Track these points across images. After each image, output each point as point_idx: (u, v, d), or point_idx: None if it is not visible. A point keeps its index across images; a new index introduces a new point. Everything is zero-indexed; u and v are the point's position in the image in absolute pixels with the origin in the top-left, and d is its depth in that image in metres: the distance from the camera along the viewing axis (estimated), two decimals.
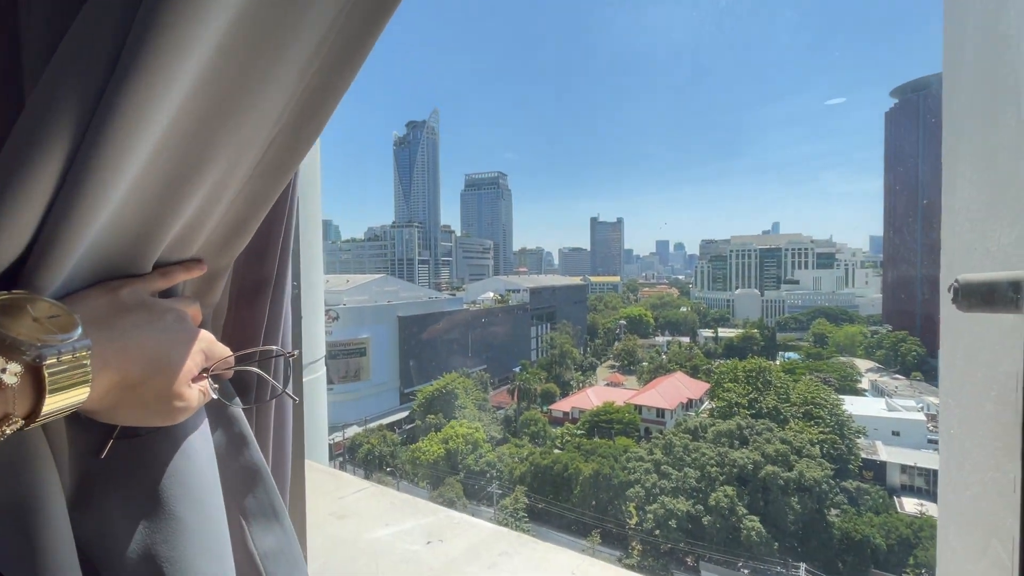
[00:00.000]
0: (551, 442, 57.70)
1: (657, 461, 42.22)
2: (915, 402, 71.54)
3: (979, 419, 1.21)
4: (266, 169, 0.80)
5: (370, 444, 54.91)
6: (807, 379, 63.46)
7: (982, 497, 1.19)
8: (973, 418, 1.24)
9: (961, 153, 1.28)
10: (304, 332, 3.59)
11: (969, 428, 1.25)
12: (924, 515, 42.17)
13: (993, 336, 1.16)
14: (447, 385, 64.93)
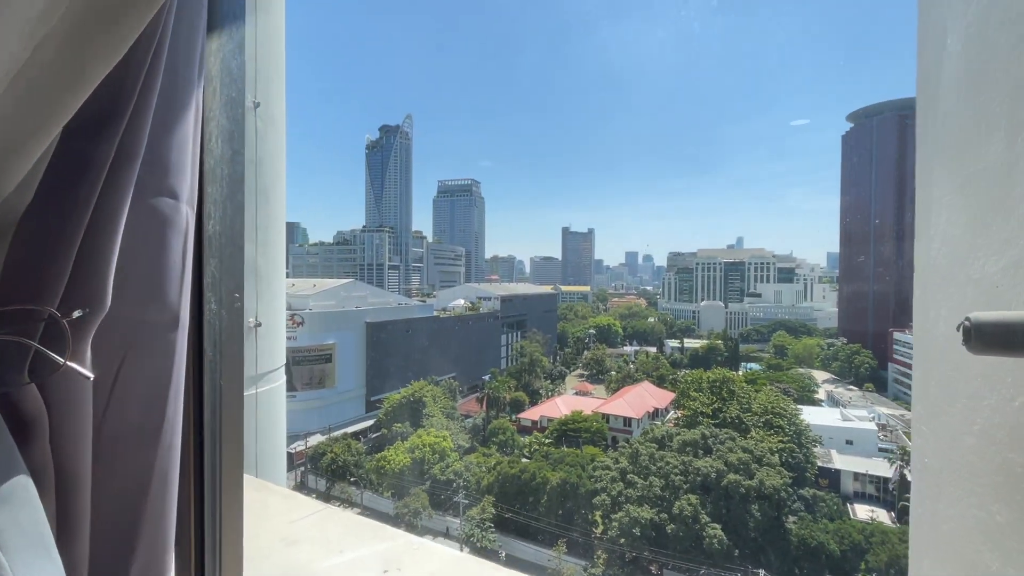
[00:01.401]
0: (519, 451, 57.47)
1: (623, 470, 42.57)
2: (867, 412, 74.75)
3: (957, 452, 1.14)
4: None
5: (333, 453, 53.43)
6: (768, 389, 65.44)
7: (961, 535, 1.12)
8: (950, 450, 1.17)
9: (937, 177, 1.25)
10: (262, 339, 3.46)
11: (946, 461, 1.19)
12: (875, 521, 43.89)
13: (976, 367, 1.09)
14: (415, 393, 63.95)
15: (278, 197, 3.50)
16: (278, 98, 3.44)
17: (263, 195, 3.25)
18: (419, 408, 62.42)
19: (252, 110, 3.12)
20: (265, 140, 3.27)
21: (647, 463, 42.29)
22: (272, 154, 3.36)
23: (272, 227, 3.35)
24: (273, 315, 3.44)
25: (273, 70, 3.34)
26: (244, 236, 1.67)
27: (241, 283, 1.63)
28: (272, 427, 3.47)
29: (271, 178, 3.35)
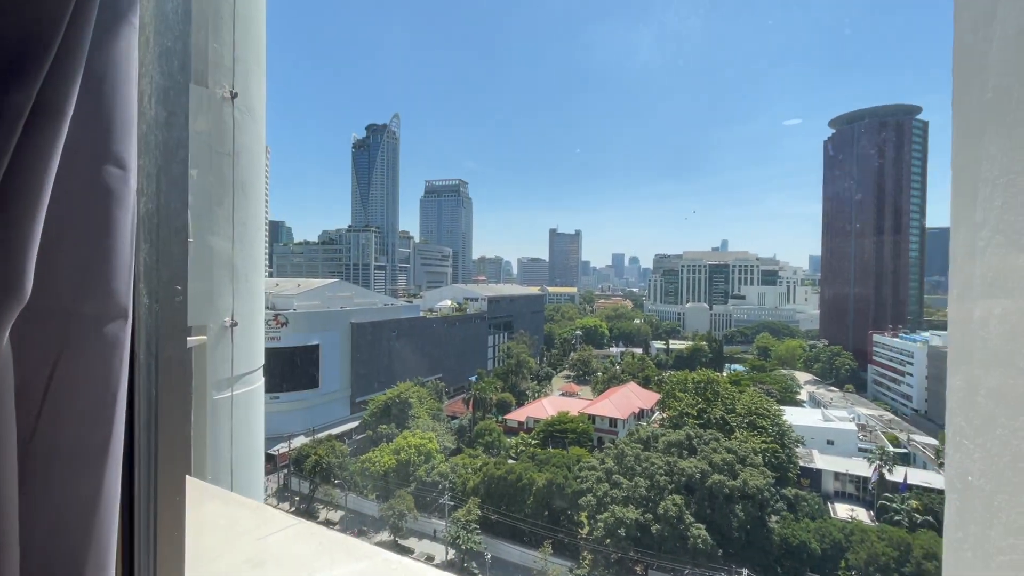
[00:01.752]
0: (506, 452, 57.35)
1: (609, 470, 42.70)
2: (848, 413, 76.14)
3: (1018, 472, 1.00)
4: None
5: (318, 455, 52.72)
6: (751, 390, 66.22)
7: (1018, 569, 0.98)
8: (1008, 470, 1.02)
9: (986, 158, 1.13)
10: (239, 339, 3.33)
11: (1001, 482, 1.03)
12: (855, 520, 44.65)
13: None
14: (401, 394, 63.43)
15: (257, 192, 3.36)
16: (258, 89, 3.32)
17: (241, 189, 3.12)
18: (405, 409, 61.93)
19: (229, 100, 2.99)
20: (243, 132, 3.14)
21: (632, 464, 42.47)
22: (250, 147, 3.23)
23: (251, 223, 3.21)
24: (251, 314, 3.31)
25: (252, 60, 3.21)
26: (189, 218, 1.39)
27: (183, 273, 1.33)
28: (249, 431, 3.33)
29: (250, 172, 3.21)
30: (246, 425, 3.29)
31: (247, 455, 3.30)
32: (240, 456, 3.21)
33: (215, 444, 2.97)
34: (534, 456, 49.66)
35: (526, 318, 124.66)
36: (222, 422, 3.02)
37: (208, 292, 2.86)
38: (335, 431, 65.66)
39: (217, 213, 2.95)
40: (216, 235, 2.92)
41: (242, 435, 3.23)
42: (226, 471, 3.02)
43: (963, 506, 1.14)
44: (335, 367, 72.46)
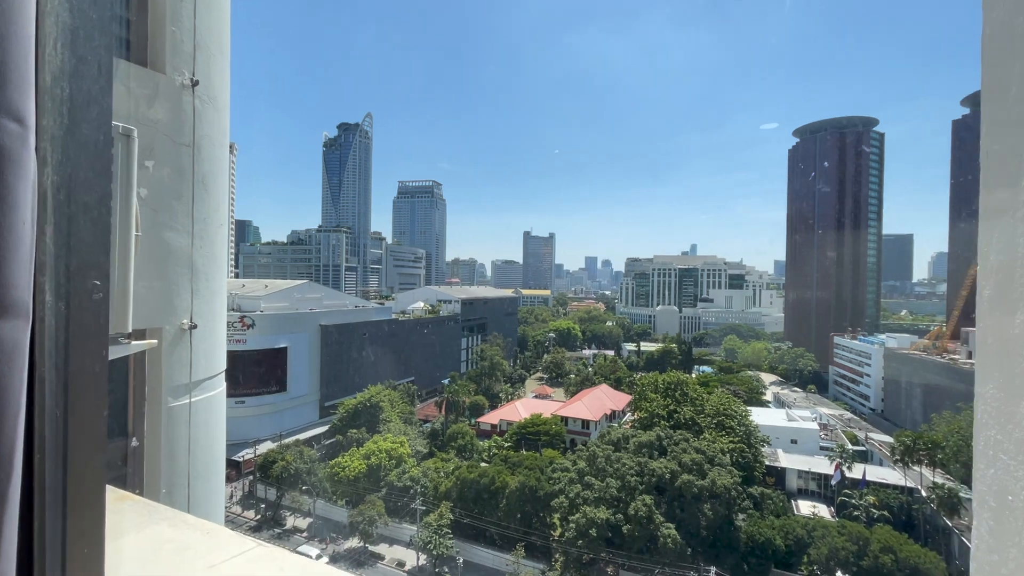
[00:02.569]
0: (478, 455, 57.03)
1: (581, 471, 42.94)
2: (810, 412, 78.79)
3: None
4: None
5: (285, 461, 51.28)
6: (720, 391, 67.76)
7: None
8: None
9: (1012, 165, 1.08)
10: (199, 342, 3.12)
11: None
12: (816, 516, 46.17)
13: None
14: (372, 398, 62.36)
15: (220, 186, 3.18)
16: (220, 78, 3.13)
17: (201, 183, 2.94)
18: (376, 413, 60.89)
19: (189, 88, 2.81)
20: (204, 122, 2.95)
21: (604, 465, 42.82)
22: (212, 139, 3.04)
23: (212, 219, 3.03)
24: (212, 316, 3.12)
25: (215, 47, 3.03)
26: (136, 209, 1.19)
27: (104, 266, 1.04)
28: (209, 440, 3.13)
29: (211, 165, 3.03)
30: (206, 434, 3.09)
31: (207, 466, 3.10)
32: (199, 467, 3.01)
33: (171, 456, 2.77)
34: (507, 459, 49.53)
35: (500, 320, 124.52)
36: (179, 432, 2.83)
37: (164, 291, 2.67)
38: (303, 436, 64.04)
39: (175, 207, 2.76)
40: (174, 231, 2.73)
41: (201, 445, 3.03)
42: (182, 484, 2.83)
43: (1000, 527, 1.05)
44: (304, 370, 70.71)
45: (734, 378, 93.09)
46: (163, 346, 2.72)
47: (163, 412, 2.76)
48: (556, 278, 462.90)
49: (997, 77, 1.16)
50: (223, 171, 3.24)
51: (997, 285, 1.12)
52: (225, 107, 3.23)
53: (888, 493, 48.85)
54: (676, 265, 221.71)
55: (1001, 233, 1.11)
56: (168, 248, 2.70)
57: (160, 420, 2.73)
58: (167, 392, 2.78)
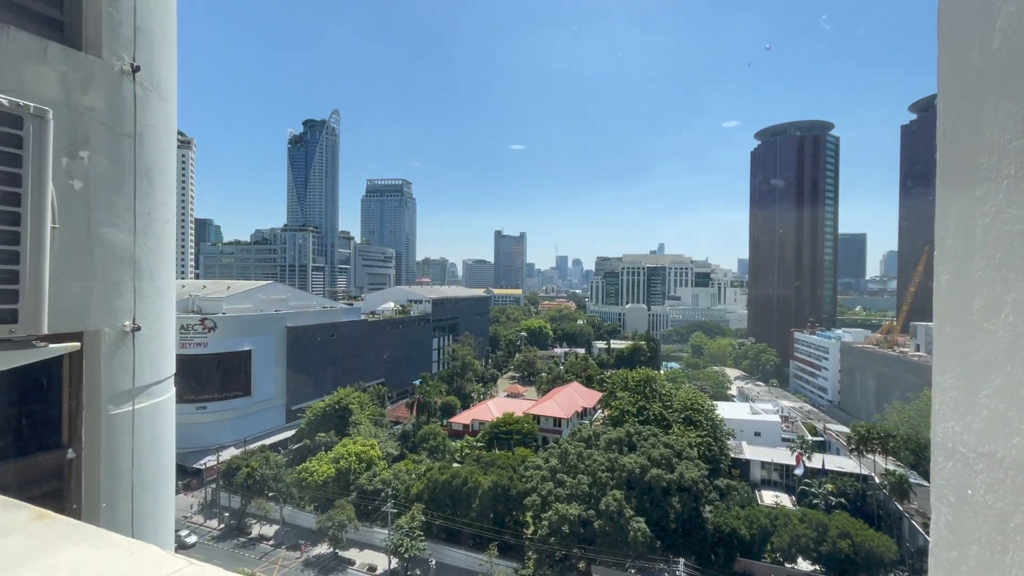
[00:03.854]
0: (450, 456, 56.66)
1: (553, 468, 43.21)
2: (772, 405, 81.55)
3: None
4: None
5: (250, 467, 49.69)
6: (687, 387, 69.43)
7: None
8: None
9: (984, 138, 1.05)
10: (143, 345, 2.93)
11: (1018, 500, 0.91)
12: (779, 505, 47.81)
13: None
14: (340, 400, 61.12)
15: (166, 180, 2.99)
16: (165, 64, 2.95)
17: (145, 176, 2.75)
18: (345, 416, 59.71)
19: (130, 74, 2.63)
20: (148, 111, 2.77)
21: (575, 462, 43.21)
22: (157, 129, 2.86)
23: (157, 214, 2.84)
24: (158, 317, 2.93)
25: (159, 30, 2.85)
26: (53, 200, 1.07)
27: (7, 260, 0.99)
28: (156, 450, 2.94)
29: (156, 156, 2.84)
30: (152, 443, 2.91)
31: (153, 477, 2.92)
32: (145, 479, 2.82)
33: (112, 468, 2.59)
34: (479, 459, 49.38)
35: (471, 320, 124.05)
36: (121, 441, 2.64)
37: (102, 291, 2.48)
38: (269, 441, 62.21)
39: (114, 202, 2.57)
40: (113, 227, 2.54)
41: (147, 454, 2.85)
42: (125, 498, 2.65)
43: (959, 523, 1.03)
44: (269, 373, 68.68)
45: (701, 374, 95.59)
46: (101, 350, 2.54)
47: (103, 421, 2.57)
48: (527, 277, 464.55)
49: (953, 68, 1.14)
50: (170, 164, 3.06)
51: (955, 271, 1.10)
52: (171, 96, 3.04)
53: (845, 481, 51.03)
54: (645, 264, 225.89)
55: (958, 218, 1.09)
56: (106, 245, 2.51)
57: (99, 429, 2.54)
58: (107, 399, 2.59)
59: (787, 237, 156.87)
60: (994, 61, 1.01)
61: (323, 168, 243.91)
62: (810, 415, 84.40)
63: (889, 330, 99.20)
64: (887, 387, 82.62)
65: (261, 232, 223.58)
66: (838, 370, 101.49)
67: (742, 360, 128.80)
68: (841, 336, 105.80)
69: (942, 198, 1.15)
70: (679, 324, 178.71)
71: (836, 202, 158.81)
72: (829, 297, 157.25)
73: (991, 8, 1.01)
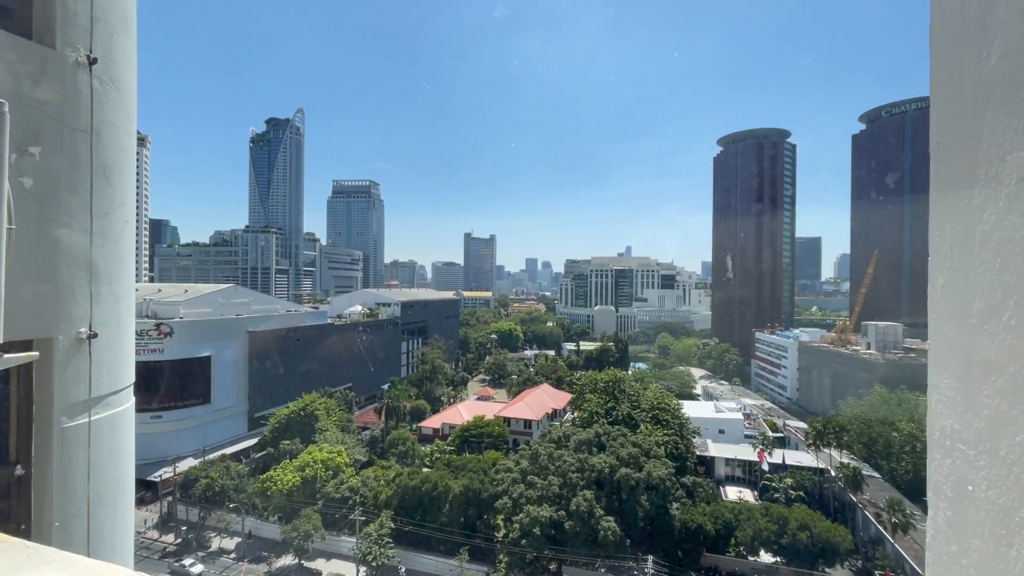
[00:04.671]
0: (420, 461, 55.96)
1: (524, 471, 43.25)
2: (735, 403, 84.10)
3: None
4: None
5: (209, 478, 47.74)
6: (654, 387, 70.79)
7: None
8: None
9: (982, 149, 1.06)
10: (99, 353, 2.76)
11: (1021, 495, 0.92)
12: (742, 501, 49.29)
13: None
14: (306, 406, 59.51)
15: (125, 179, 2.84)
16: (124, 57, 2.80)
17: (102, 174, 2.60)
18: (311, 422, 58.16)
19: (86, 66, 2.49)
20: (105, 105, 2.62)
21: (546, 463, 43.39)
22: (116, 125, 2.71)
23: (115, 215, 2.69)
24: (117, 323, 2.77)
25: (117, 21, 2.71)
26: (8, 199, 1.10)
27: None
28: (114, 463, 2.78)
29: (114, 154, 2.69)
30: (110, 456, 2.75)
31: (111, 493, 2.75)
32: (101, 495, 2.66)
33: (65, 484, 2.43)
34: (450, 463, 48.96)
35: (441, 323, 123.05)
36: (75, 455, 2.49)
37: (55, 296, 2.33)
38: (230, 450, 59.94)
39: (69, 201, 2.42)
40: (67, 227, 2.39)
41: (104, 469, 2.69)
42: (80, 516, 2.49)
43: (959, 518, 1.02)
44: (230, 380, 66.22)
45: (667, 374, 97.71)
46: (54, 358, 2.38)
47: (55, 434, 2.41)
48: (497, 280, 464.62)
49: (946, 70, 1.14)
50: (129, 162, 2.90)
51: (951, 275, 1.09)
52: (131, 91, 2.89)
53: (803, 475, 53.08)
54: (612, 266, 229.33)
55: (954, 224, 1.08)
56: (59, 247, 2.36)
57: (51, 443, 2.38)
58: (60, 411, 2.43)
59: (748, 240, 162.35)
60: (991, 76, 1.01)
61: (287, 168, 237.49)
62: (771, 412, 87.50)
63: (843, 329, 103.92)
64: (841, 384, 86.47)
65: (221, 233, 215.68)
66: (796, 368, 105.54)
67: (706, 360, 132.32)
68: (799, 336, 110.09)
69: (937, 204, 1.15)
70: (646, 325, 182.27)
71: (793, 207, 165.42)
72: (787, 298, 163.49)
73: (987, 26, 1.02)
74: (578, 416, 59.88)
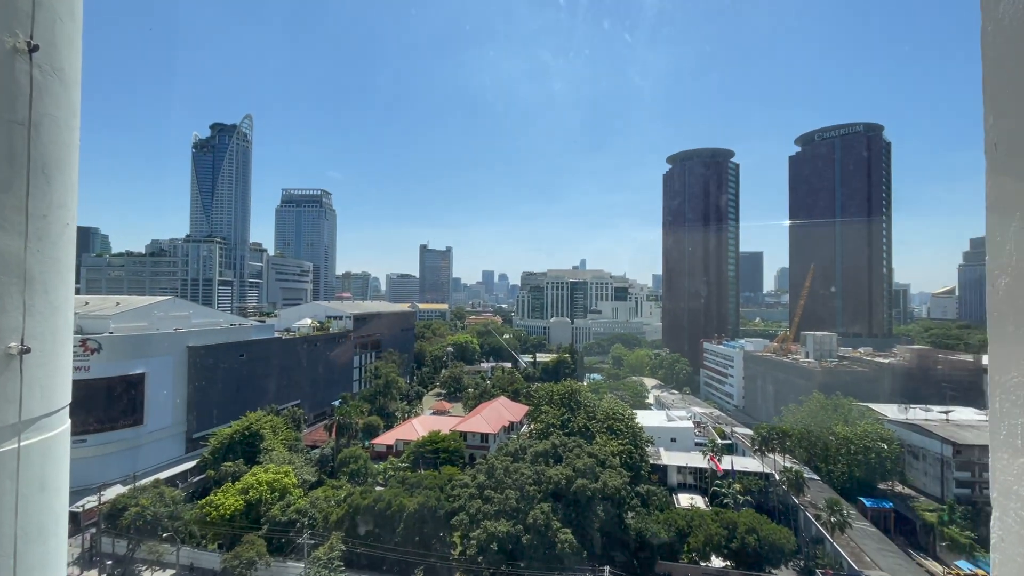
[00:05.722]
0: (373, 479, 54.13)
1: (481, 485, 42.67)
2: (686, 412, 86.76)
3: None
4: None
5: (140, 506, 44.17)
6: (609, 397, 72.01)
7: None
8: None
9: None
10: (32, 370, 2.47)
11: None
12: (694, 507, 50.66)
13: None
14: (251, 425, 56.46)
15: (66, 179, 2.59)
16: (68, 46, 2.57)
17: (40, 172, 2.36)
18: (255, 442, 55.18)
19: (25, 54, 2.27)
20: (46, 97, 2.39)
21: (503, 476, 43.01)
22: (57, 118, 2.47)
23: (54, 217, 2.45)
24: (53, 338, 2.50)
25: (62, 7, 2.49)
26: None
27: None
28: (46, 492, 2.49)
29: (55, 150, 2.45)
30: (41, 486, 2.45)
31: (42, 527, 2.46)
32: (31, 529, 2.37)
33: None
34: (404, 480, 47.62)
35: (395, 336, 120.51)
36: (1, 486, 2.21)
37: None
38: (165, 474, 55.80)
39: (2, 200, 2.18)
40: None
41: (35, 499, 2.40)
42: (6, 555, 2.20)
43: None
44: (167, 399, 61.90)
45: (621, 384, 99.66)
46: None
47: None
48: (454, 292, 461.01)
49: (1003, 74, 1.13)
50: (71, 159, 2.65)
51: (1015, 275, 1.08)
52: (75, 82, 2.65)
53: (750, 480, 55.23)
54: (568, 279, 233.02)
55: (1018, 224, 1.07)
56: None
57: None
58: None
59: (695, 254, 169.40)
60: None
61: (233, 175, 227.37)
62: (719, 420, 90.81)
63: (784, 339, 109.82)
64: (783, 391, 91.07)
65: (159, 243, 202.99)
66: (742, 377, 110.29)
67: (658, 370, 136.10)
68: (744, 345, 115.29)
69: (996, 205, 1.14)
70: (601, 336, 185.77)
71: (737, 222, 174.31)
72: (733, 309, 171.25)
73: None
74: (535, 428, 59.88)
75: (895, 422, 62.86)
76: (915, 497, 55.57)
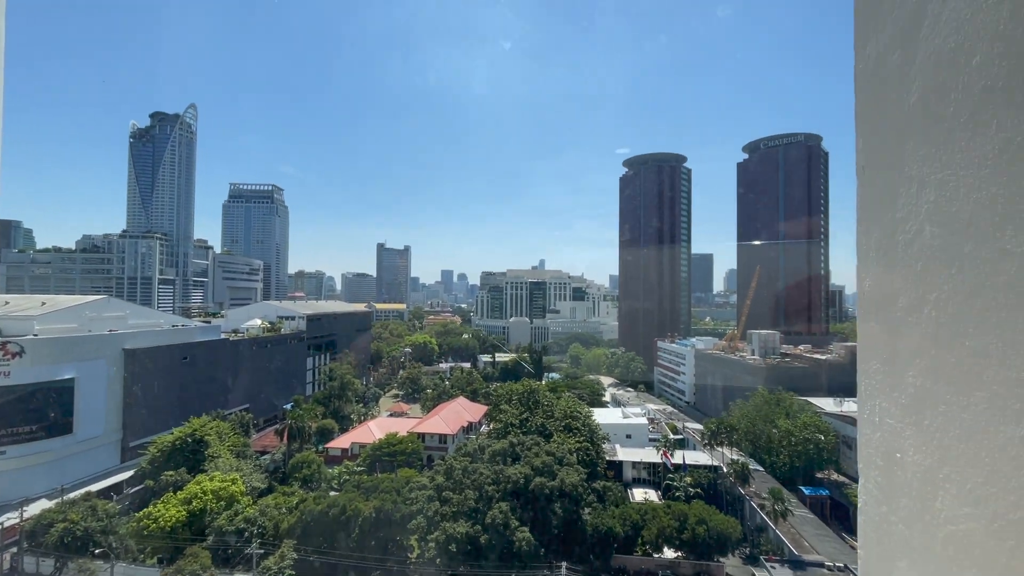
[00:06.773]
0: (327, 484, 52.61)
1: (439, 486, 42.30)
2: (640, 409, 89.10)
3: (968, 446, 1.05)
4: None
5: (68, 521, 41.06)
6: (567, 396, 72.92)
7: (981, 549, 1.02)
8: (954, 444, 1.07)
9: (905, 171, 1.25)
10: None
11: (943, 456, 1.09)
12: (648, 501, 52.12)
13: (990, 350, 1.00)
14: (195, 432, 53.67)
15: None
16: None
17: None
18: (200, 449, 52.50)
19: None
20: None
21: (461, 477, 42.81)
22: None
23: None
24: None
25: None
26: None
27: None
28: None
29: None
30: None
31: None
32: None
33: None
34: (360, 484, 46.55)
35: (351, 337, 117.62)
36: None
37: None
38: (98, 486, 52.16)
39: None
40: None
41: None
42: None
43: (888, 482, 1.18)
44: (99, 406, 57.89)
45: (579, 382, 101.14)
46: None
47: None
48: (412, 291, 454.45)
49: (871, 105, 1.32)
50: None
51: (877, 277, 1.27)
52: None
53: (700, 473, 57.35)
54: (527, 279, 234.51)
55: (879, 235, 1.26)
56: None
57: None
58: None
59: (649, 255, 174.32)
60: (912, 112, 1.19)
61: (175, 168, 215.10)
62: (672, 416, 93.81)
63: (732, 338, 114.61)
64: (731, 387, 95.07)
65: (91, 238, 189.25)
66: (693, 374, 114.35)
67: (614, 368, 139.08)
68: (695, 344, 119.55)
69: (863, 218, 1.33)
70: (559, 336, 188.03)
71: (689, 225, 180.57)
72: (685, 309, 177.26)
73: (907, 71, 1.20)
74: (493, 428, 59.93)
75: (831, 414, 66.85)
76: (849, 484, 59.33)
